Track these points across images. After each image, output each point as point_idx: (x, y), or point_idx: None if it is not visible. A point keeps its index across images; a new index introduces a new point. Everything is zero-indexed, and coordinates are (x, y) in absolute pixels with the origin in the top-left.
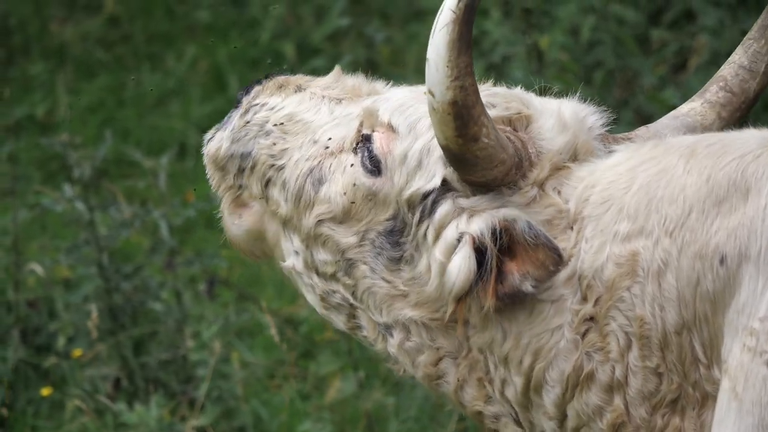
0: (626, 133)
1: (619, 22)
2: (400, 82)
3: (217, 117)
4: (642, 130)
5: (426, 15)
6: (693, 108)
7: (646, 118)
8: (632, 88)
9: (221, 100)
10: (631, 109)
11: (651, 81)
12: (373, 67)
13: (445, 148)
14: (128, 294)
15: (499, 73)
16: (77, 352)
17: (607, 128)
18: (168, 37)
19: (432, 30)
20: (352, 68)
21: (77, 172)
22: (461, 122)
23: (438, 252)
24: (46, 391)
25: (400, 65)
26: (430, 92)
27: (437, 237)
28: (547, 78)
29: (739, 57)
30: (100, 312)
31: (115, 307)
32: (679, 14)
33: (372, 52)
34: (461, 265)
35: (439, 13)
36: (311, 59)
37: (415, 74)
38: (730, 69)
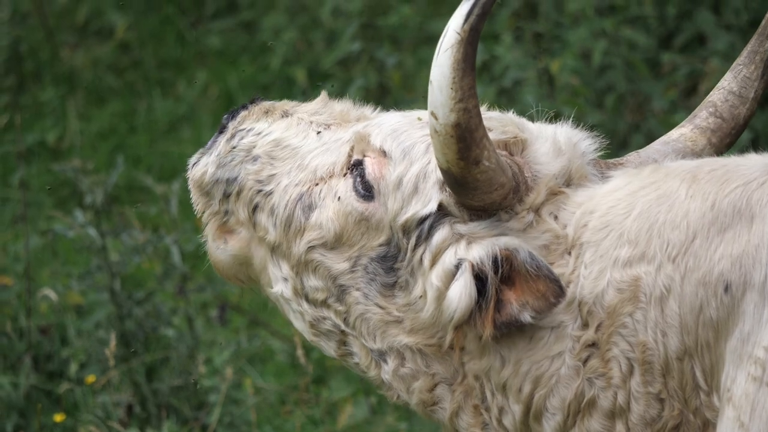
0: (617, 159)
1: (630, 46)
2: (410, 107)
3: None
4: (633, 156)
5: (436, 40)
6: (683, 134)
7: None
8: (643, 112)
9: None
10: (642, 133)
11: (662, 105)
12: (383, 92)
13: (446, 171)
14: (140, 320)
15: (510, 98)
16: (90, 379)
17: (599, 153)
18: (179, 63)
19: (436, 52)
20: (363, 93)
21: (89, 198)
22: (464, 145)
23: (435, 277)
24: (58, 418)
25: (411, 90)
26: (433, 114)
27: (434, 262)
28: (558, 102)
29: (728, 82)
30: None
31: (127, 333)
32: (690, 38)
33: (383, 76)
34: (462, 292)
35: (443, 34)
36: (322, 84)
37: (426, 99)
38: (720, 94)
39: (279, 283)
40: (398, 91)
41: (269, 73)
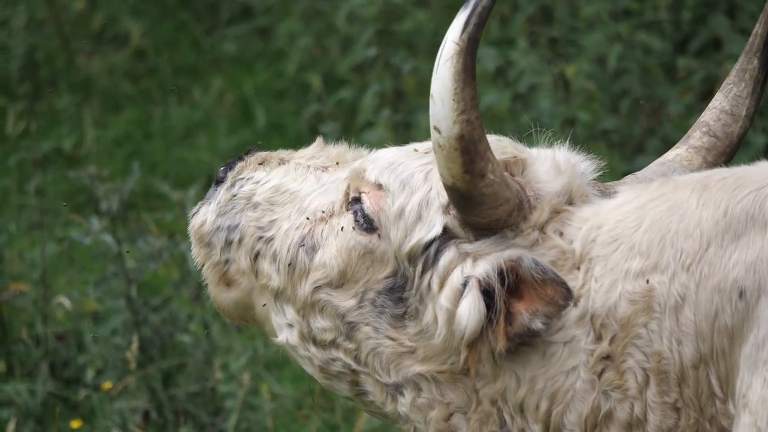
0: (614, 182)
1: (646, 50)
2: (425, 113)
3: (244, 149)
4: (630, 178)
5: None
6: (678, 154)
7: (672, 147)
8: (659, 117)
9: (247, 132)
10: (657, 138)
11: (677, 109)
12: (399, 98)
13: (451, 187)
14: (157, 326)
15: (525, 103)
16: (107, 385)
17: (597, 174)
18: (194, 69)
19: (435, 65)
20: (378, 99)
21: (105, 205)
22: (468, 157)
23: (444, 299)
24: (75, 424)
25: (426, 96)
26: (436, 128)
27: (442, 285)
28: (573, 107)
29: (720, 102)
30: (128, 345)
31: (144, 340)
32: (705, 42)
33: (398, 82)
34: (471, 308)
35: (441, 47)
36: (337, 90)
37: None
38: (712, 114)
39: (283, 331)
40: (413, 96)
41: (284, 79)
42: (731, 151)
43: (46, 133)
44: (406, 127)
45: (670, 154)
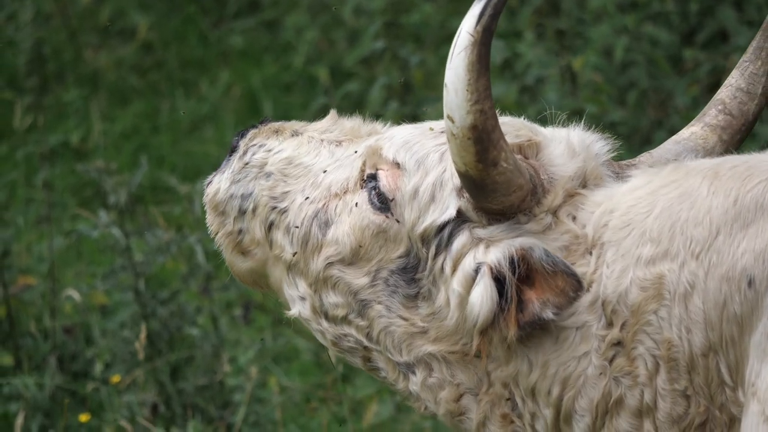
0: (629, 160)
1: (653, 42)
2: (433, 105)
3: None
4: (645, 156)
5: None
6: (694, 132)
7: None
8: (666, 109)
9: None
10: (665, 130)
11: (684, 101)
12: (406, 90)
13: (464, 175)
14: (165, 320)
15: (533, 95)
16: (115, 378)
17: (612, 154)
18: (202, 63)
19: (449, 54)
20: (386, 91)
21: (113, 198)
22: (481, 147)
23: (456, 283)
24: (84, 418)
25: (434, 88)
26: (449, 117)
27: (455, 269)
28: (580, 99)
29: (736, 80)
30: (137, 338)
31: (152, 333)
32: (712, 34)
33: (406, 75)
34: (483, 296)
35: (456, 37)
36: (345, 83)
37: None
38: (728, 92)
39: (296, 304)
40: (421, 89)
41: (291, 73)
42: (747, 129)
43: (54, 127)
44: (414, 119)
45: (685, 132)
